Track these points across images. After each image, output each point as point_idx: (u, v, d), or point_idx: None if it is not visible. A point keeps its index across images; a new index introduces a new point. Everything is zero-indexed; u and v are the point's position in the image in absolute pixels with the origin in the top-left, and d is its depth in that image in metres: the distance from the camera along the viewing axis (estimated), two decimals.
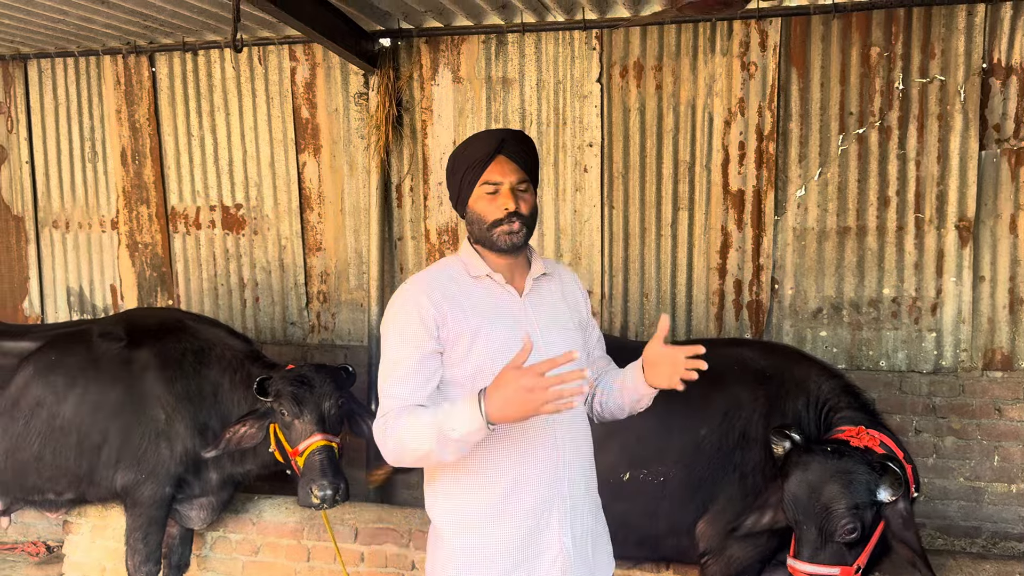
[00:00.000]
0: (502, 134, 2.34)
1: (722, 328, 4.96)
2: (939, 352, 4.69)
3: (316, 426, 3.84)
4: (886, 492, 2.94)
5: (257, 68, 5.50)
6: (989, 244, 4.61)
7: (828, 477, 2.97)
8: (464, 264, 2.37)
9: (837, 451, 3.06)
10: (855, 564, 2.97)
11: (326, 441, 3.80)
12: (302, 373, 3.95)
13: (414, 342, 2.21)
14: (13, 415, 4.20)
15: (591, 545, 2.39)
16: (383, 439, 2.17)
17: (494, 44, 5.11)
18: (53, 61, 5.85)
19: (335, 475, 3.75)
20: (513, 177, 2.30)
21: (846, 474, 2.96)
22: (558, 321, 2.40)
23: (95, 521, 4.75)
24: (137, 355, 4.25)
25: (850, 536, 2.93)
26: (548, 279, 2.46)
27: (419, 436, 2.07)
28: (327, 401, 3.89)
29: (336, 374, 4.05)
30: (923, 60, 4.58)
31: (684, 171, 4.95)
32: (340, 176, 5.47)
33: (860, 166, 4.70)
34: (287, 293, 5.66)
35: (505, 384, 1.95)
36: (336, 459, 3.82)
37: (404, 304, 2.26)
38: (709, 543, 3.49)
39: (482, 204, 2.31)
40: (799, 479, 3.03)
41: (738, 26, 4.77)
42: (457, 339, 2.23)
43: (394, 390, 2.19)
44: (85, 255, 6.01)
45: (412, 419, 2.11)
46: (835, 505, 2.94)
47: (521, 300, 2.36)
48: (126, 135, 5.79)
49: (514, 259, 2.37)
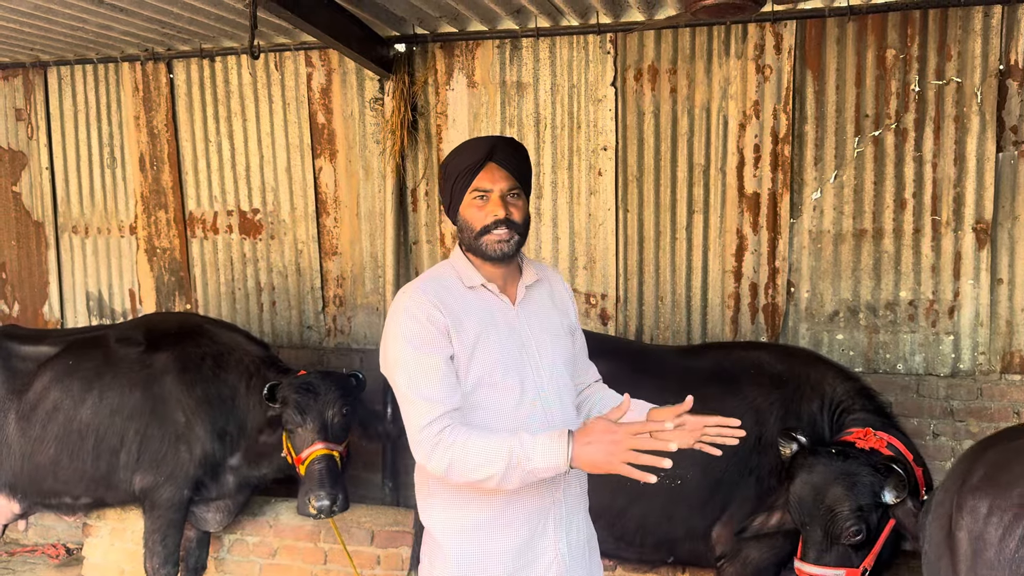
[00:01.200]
0: (492, 141, 2.32)
1: (737, 331, 4.95)
2: (957, 355, 4.66)
3: (318, 435, 3.84)
4: (890, 494, 2.94)
5: (273, 74, 5.54)
6: (1007, 246, 4.58)
7: (832, 479, 2.98)
8: (457, 273, 2.33)
9: (842, 453, 3.07)
10: (861, 566, 2.99)
11: (327, 450, 3.81)
12: (307, 380, 3.96)
13: (435, 346, 2.17)
14: (31, 419, 4.25)
15: (587, 549, 2.39)
16: (432, 449, 2.10)
17: (508, 49, 5.13)
18: (72, 68, 5.92)
19: (333, 485, 3.75)
20: (503, 184, 2.27)
21: (850, 476, 2.97)
22: (550, 328, 2.39)
23: (114, 524, 4.79)
24: (156, 359, 4.29)
25: (855, 539, 2.95)
26: (539, 285, 2.45)
27: (489, 457, 2.03)
28: (330, 409, 3.89)
29: (344, 381, 4.05)
30: (939, 62, 4.56)
31: (699, 174, 4.94)
32: (356, 181, 5.50)
33: (876, 168, 4.68)
34: (303, 297, 5.69)
35: (594, 432, 1.97)
36: (336, 469, 3.82)
37: (412, 314, 2.20)
38: (725, 546, 3.49)
39: (472, 211, 2.29)
40: (804, 481, 3.05)
41: (753, 29, 4.76)
42: (460, 351, 2.21)
43: (429, 392, 2.12)
44: (104, 260, 6.07)
45: (481, 439, 2.06)
46: (839, 507, 2.95)
47: (515, 309, 2.35)
48: (144, 141, 5.85)
49: (506, 267, 2.35)
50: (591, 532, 2.47)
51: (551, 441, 2.01)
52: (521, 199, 2.32)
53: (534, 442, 2.02)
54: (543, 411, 2.27)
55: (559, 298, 2.50)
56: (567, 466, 1.99)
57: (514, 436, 2.05)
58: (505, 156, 2.29)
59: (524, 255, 2.46)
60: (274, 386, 3.95)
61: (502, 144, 2.32)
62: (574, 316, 2.55)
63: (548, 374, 2.32)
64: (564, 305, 2.51)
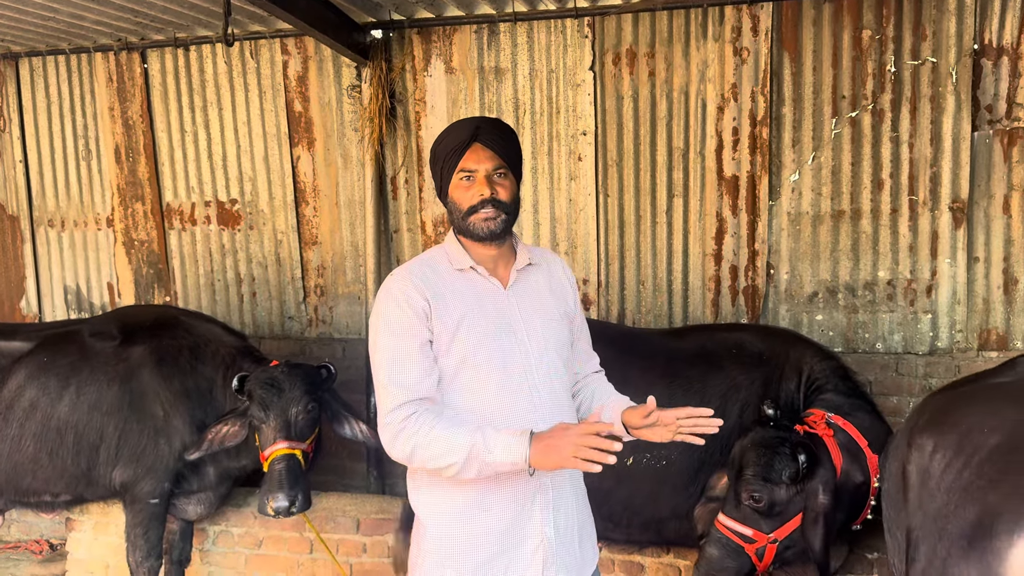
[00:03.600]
0: (476, 122, 2.33)
1: (718, 314, 4.98)
2: (935, 333, 4.71)
3: (279, 433, 3.76)
4: (786, 474, 3.15)
5: (249, 62, 5.49)
6: (983, 225, 4.63)
7: (753, 445, 3.24)
8: (448, 256, 2.35)
9: (776, 428, 3.28)
10: (771, 535, 3.19)
11: (288, 450, 3.73)
12: (272, 376, 3.86)
13: (411, 332, 2.20)
14: (7, 418, 4.19)
15: (577, 535, 2.37)
16: (394, 438, 2.16)
17: (486, 34, 5.11)
18: (44, 59, 5.84)
19: (291, 487, 3.67)
20: (488, 164, 2.28)
21: (765, 448, 3.19)
22: (542, 312, 2.38)
23: (97, 518, 4.76)
24: (132, 352, 4.25)
25: (754, 503, 3.18)
26: (535, 269, 2.44)
27: (450, 447, 2.09)
28: (294, 407, 3.80)
29: (312, 375, 3.96)
30: (915, 42, 4.58)
31: (678, 158, 4.96)
32: (334, 169, 5.47)
33: (854, 149, 4.71)
34: (284, 287, 5.66)
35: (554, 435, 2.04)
36: (297, 469, 3.73)
37: (394, 297, 2.24)
38: (706, 525, 3.52)
39: (459, 192, 2.31)
40: (739, 443, 3.32)
41: (729, 11, 4.77)
42: (442, 331, 2.22)
43: (400, 378, 2.18)
44: (81, 253, 6.00)
45: (444, 430, 2.11)
46: (746, 471, 3.20)
47: (505, 291, 2.34)
48: (119, 132, 5.78)
49: (498, 249, 2.35)
50: (585, 519, 2.45)
51: (512, 439, 2.07)
52: (508, 179, 2.32)
53: (496, 438, 2.08)
54: (529, 395, 2.27)
55: (557, 283, 2.48)
56: (525, 465, 2.06)
57: (478, 430, 2.10)
58: (490, 136, 2.30)
59: (519, 239, 2.45)
60: (243, 377, 3.90)
61: (487, 125, 2.33)
62: (572, 302, 2.51)
63: (537, 358, 2.30)
64: (562, 291, 2.49)
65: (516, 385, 2.25)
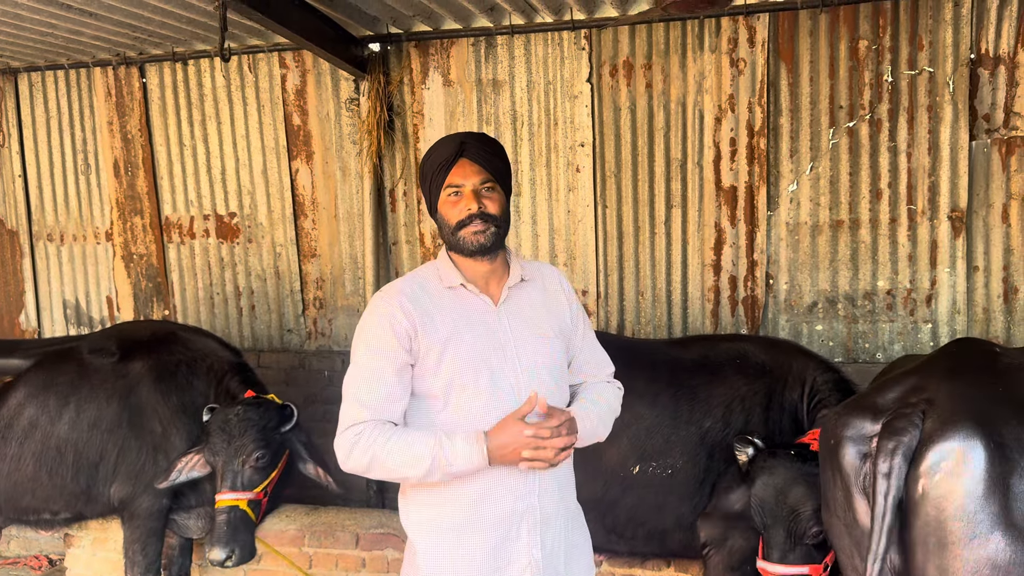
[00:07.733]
0: (461, 137, 2.32)
1: (718, 324, 4.97)
2: (935, 343, 4.69)
3: (225, 481, 3.70)
4: None
5: (247, 76, 5.51)
6: (982, 234, 4.62)
7: (793, 481, 3.06)
8: (438, 273, 2.33)
9: (800, 455, 3.13)
10: (823, 562, 3.05)
11: (232, 501, 3.66)
12: (227, 419, 3.78)
13: (387, 354, 2.19)
14: (6, 437, 4.18)
15: (563, 556, 2.34)
16: (350, 450, 2.16)
17: (483, 47, 5.12)
18: (43, 74, 5.86)
19: (228, 541, 3.60)
20: (475, 179, 2.27)
21: (811, 477, 3.02)
22: (535, 329, 2.34)
23: (96, 534, 4.74)
24: (131, 369, 4.24)
25: (818, 539, 3.01)
26: (528, 285, 2.40)
27: (410, 459, 2.12)
28: (239, 457, 3.71)
29: (272, 417, 3.85)
30: (911, 52, 4.58)
31: (676, 169, 4.95)
32: (333, 182, 5.47)
33: (851, 159, 4.71)
34: (283, 300, 5.66)
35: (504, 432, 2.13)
36: (238, 521, 3.65)
37: (379, 316, 2.22)
38: (709, 534, 3.51)
39: (447, 208, 2.30)
40: (765, 483, 3.12)
41: (726, 23, 4.78)
42: (428, 350, 2.21)
43: (365, 398, 2.18)
44: (80, 267, 6.01)
45: (401, 444, 2.13)
46: (802, 508, 3.02)
47: (496, 309, 2.31)
48: (118, 146, 5.79)
49: (491, 265, 2.33)
50: (576, 541, 2.42)
51: (467, 446, 2.13)
52: (496, 192, 2.30)
53: (454, 449, 2.12)
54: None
55: (552, 298, 2.43)
56: (486, 464, 2.14)
57: (433, 438, 2.13)
58: (475, 151, 2.29)
59: (513, 254, 2.43)
60: (212, 409, 3.89)
61: (472, 139, 2.32)
62: (570, 315, 2.45)
63: (527, 377, 2.27)
64: (557, 305, 2.43)
65: (506, 404, 2.22)
